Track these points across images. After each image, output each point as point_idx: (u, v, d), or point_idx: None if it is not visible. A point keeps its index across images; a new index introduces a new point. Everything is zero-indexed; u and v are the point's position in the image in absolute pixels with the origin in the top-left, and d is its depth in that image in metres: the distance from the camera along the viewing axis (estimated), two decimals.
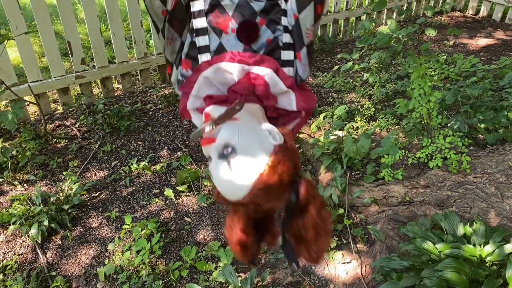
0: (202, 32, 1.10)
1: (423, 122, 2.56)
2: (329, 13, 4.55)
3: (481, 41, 4.48)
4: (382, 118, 3.10)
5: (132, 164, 2.79)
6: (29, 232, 2.27)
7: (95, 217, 2.44)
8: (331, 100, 3.52)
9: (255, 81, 1.07)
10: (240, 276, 2.06)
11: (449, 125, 2.71)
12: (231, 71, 1.06)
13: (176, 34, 1.12)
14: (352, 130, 2.97)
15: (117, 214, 2.45)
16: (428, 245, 1.79)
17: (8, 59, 2.96)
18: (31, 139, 2.94)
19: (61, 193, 2.45)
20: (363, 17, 4.70)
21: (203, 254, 2.20)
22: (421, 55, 3.09)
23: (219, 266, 2.12)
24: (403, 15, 4.76)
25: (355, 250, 2.18)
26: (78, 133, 3.10)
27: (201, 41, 1.10)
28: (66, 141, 3.03)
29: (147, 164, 2.78)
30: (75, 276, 2.13)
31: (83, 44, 3.69)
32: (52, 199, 2.41)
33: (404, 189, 2.33)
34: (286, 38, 1.12)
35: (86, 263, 2.19)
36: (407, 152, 2.47)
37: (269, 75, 1.07)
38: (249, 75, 1.07)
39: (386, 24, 4.78)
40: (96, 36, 3.24)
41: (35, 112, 3.32)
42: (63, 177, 2.69)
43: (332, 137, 2.76)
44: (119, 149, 2.96)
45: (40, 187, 2.58)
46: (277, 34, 1.12)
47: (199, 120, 1.17)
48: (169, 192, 2.54)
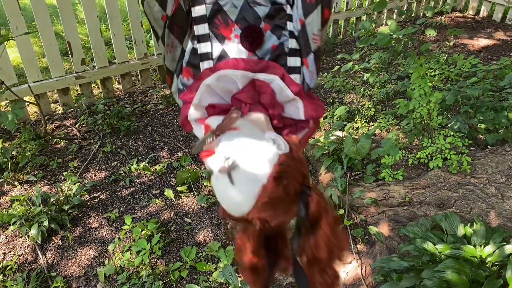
0: (204, 38, 1.06)
1: (423, 123, 2.56)
2: None
3: (481, 42, 4.48)
4: (382, 118, 3.10)
5: (132, 165, 2.79)
6: (29, 233, 2.27)
7: (95, 217, 2.44)
8: (331, 101, 3.52)
9: (260, 88, 1.03)
10: (240, 276, 2.06)
11: (449, 125, 2.71)
12: (235, 78, 1.01)
13: (177, 40, 1.07)
14: (352, 130, 2.97)
15: (117, 214, 2.45)
16: (429, 246, 1.78)
17: (8, 59, 2.96)
18: (31, 139, 2.94)
19: (61, 194, 2.44)
20: (363, 18, 4.70)
21: (203, 255, 2.20)
22: (421, 55, 3.09)
23: (219, 266, 2.12)
24: (403, 16, 4.76)
25: (355, 250, 2.18)
26: (78, 134, 3.09)
27: (203, 47, 1.06)
28: (66, 141, 3.03)
29: (147, 164, 2.78)
30: (75, 277, 2.13)
31: (83, 44, 3.69)
32: (52, 199, 2.40)
33: (405, 189, 2.33)
34: (292, 43, 1.07)
35: (86, 264, 2.19)
36: (407, 152, 2.47)
37: (275, 82, 1.02)
38: (253, 83, 1.03)
39: (386, 25, 4.78)
40: (96, 36, 3.24)
41: (35, 112, 3.32)
42: (63, 177, 2.69)
43: (332, 137, 2.75)
44: (119, 150, 2.96)
45: (40, 187, 2.58)
46: (283, 39, 1.07)
47: (201, 131, 1.11)
48: (169, 193, 2.54)
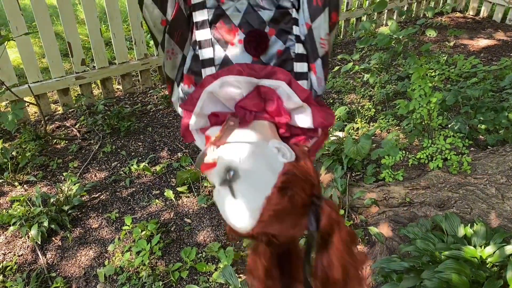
0: (206, 44, 1.01)
1: (423, 123, 2.56)
2: None
3: (482, 42, 4.48)
4: (382, 119, 3.10)
5: (132, 165, 2.79)
6: (29, 233, 2.27)
7: (95, 218, 2.44)
8: (331, 101, 3.52)
9: (266, 95, 0.97)
10: (240, 277, 2.05)
11: (449, 126, 2.71)
12: (239, 85, 0.96)
13: (177, 46, 1.03)
14: (352, 131, 2.97)
15: (117, 215, 2.45)
16: (429, 246, 1.78)
17: (8, 59, 2.96)
18: (31, 140, 2.94)
19: (61, 194, 2.44)
20: (364, 18, 4.70)
21: (203, 255, 2.20)
22: (421, 56, 3.09)
23: (219, 267, 2.12)
24: (404, 16, 4.75)
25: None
26: (78, 134, 3.09)
27: (205, 53, 1.01)
28: (66, 142, 3.03)
29: (147, 165, 2.78)
30: (75, 277, 2.13)
31: (83, 45, 3.69)
32: (52, 200, 2.40)
33: (405, 190, 2.33)
34: (298, 48, 1.02)
35: (86, 264, 2.19)
36: (407, 153, 2.47)
37: (281, 88, 0.96)
38: (258, 89, 0.97)
39: (386, 25, 4.78)
40: (96, 37, 3.24)
41: (35, 113, 3.32)
42: (63, 178, 2.68)
43: (332, 138, 2.75)
44: (119, 150, 2.96)
45: (40, 188, 2.57)
46: (289, 44, 1.02)
47: (203, 142, 1.05)
48: (169, 193, 2.54)
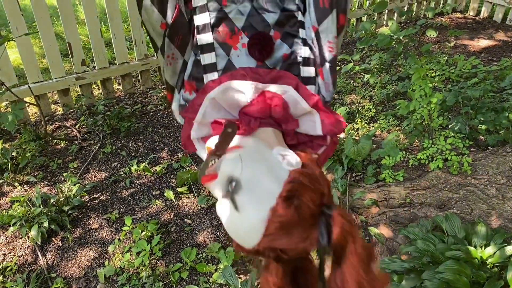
0: (208, 48, 0.97)
1: (424, 124, 2.56)
2: None
3: (482, 43, 4.47)
4: (383, 119, 3.09)
5: (132, 166, 2.78)
6: (29, 234, 2.27)
7: (95, 218, 2.44)
8: (332, 102, 3.52)
9: (272, 101, 0.91)
10: (240, 278, 2.05)
11: (450, 126, 2.71)
12: (243, 90, 0.91)
13: (178, 51, 0.98)
14: (352, 131, 2.97)
15: (117, 215, 2.45)
16: (429, 247, 1.78)
17: (8, 60, 2.96)
18: (31, 140, 2.94)
19: (61, 195, 2.44)
20: (364, 19, 4.69)
21: (203, 256, 2.20)
22: (422, 56, 3.09)
23: (220, 267, 2.12)
24: (404, 17, 4.76)
25: None
26: (78, 134, 3.09)
27: (207, 58, 0.97)
28: (66, 142, 3.03)
29: (147, 165, 2.78)
30: (75, 278, 2.13)
31: (84, 45, 3.69)
32: (52, 200, 2.40)
33: (405, 190, 2.33)
34: (305, 52, 0.98)
35: (86, 265, 2.18)
36: (408, 153, 2.47)
37: (288, 93, 0.91)
38: (264, 95, 0.92)
39: (387, 26, 4.78)
40: (97, 37, 3.24)
41: (35, 113, 3.32)
42: (63, 178, 2.68)
43: None
44: (119, 151, 2.96)
45: (40, 188, 2.57)
46: (295, 48, 0.98)
47: (205, 152, 0.98)
48: (169, 194, 2.54)
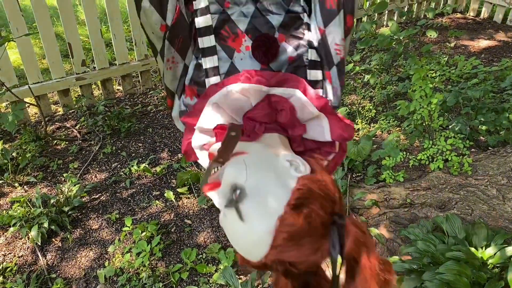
0: (209, 51, 0.92)
1: (424, 124, 2.56)
2: None
3: (482, 43, 4.47)
4: (383, 120, 3.09)
5: (132, 166, 2.78)
6: (29, 234, 2.26)
7: (95, 219, 2.43)
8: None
9: (278, 105, 0.87)
10: (240, 278, 2.05)
11: (450, 127, 2.70)
12: (247, 93, 0.86)
13: (178, 55, 0.94)
14: None
15: (117, 216, 2.44)
16: (429, 248, 1.78)
17: (8, 60, 2.96)
18: (32, 140, 2.94)
19: (61, 195, 2.44)
20: (364, 19, 4.69)
21: (203, 256, 2.20)
22: (422, 56, 3.09)
23: (220, 268, 2.11)
24: (404, 17, 4.76)
25: None
26: (78, 135, 3.09)
27: (209, 62, 0.93)
28: (67, 143, 3.03)
29: (147, 166, 2.78)
30: (75, 278, 2.13)
31: (84, 45, 3.69)
32: (52, 201, 2.40)
33: (405, 191, 2.32)
34: (311, 55, 0.93)
35: (86, 265, 2.18)
36: (408, 154, 2.46)
37: (295, 96, 0.86)
38: (269, 98, 0.87)
39: (387, 26, 4.78)
40: (97, 37, 3.24)
41: (36, 113, 3.32)
42: (63, 179, 2.68)
43: None
44: (119, 151, 2.95)
45: (40, 189, 2.57)
46: (301, 50, 0.93)
47: (208, 160, 0.94)
48: (169, 194, 2.54)
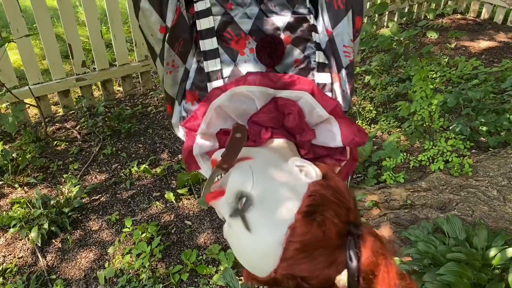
0: (212, 54, 0.88)
1: (424, 125, 2.56)
2: None
3: (483, 44, 4.47)
4: (383, 120, 3.09)
5: (132, 167, 2.78)
6: (29, 235, 2.26)
7: (95, 220, 2.43)
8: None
9: (285, 108, 0.81)
10: (241, 280, 2.04)
11: (450, 128, 2.70)
12: (252, 96, 0.81)
13: (178, 58, 0.90)
14: None
15: (117, 217, 2.44)
16: (430, 249, 1.77)
17: (9, 61, 2.96)
18: (32, 141, 2.94)
19: (61, 196, 2.44)
20: (365, 20, 4.69)
21: (203, 258, 2.19)
22: (422, 57, 3.09)
23: (220, 269, 2.11)
24: (405, 18, 4.75)
25: None
26: (78, 136, 3.09)
27: (211, 65, 0.89)
28: (67, 143, 3.03)
29: (147, 167, 2.78)
30: (75, 280, 2.12)
31: (84, 46, 3.69)
32: (52, 202, 2.40)
33: (406, 192, 2.32)
34: (319, 57, 0.89)
35: (86, 267, 2.18)
36: (408, 155, 2.46)
37: (303, 98, 0.80)
38: (276, 102, 0.82)
39: (387, 27, 4.78)
40: (97, 38, 3.24)
41: (36, 114, 3.32)
42: (63, 180, 2.68)
43: None
44: (119, 152, 2.95)
45: (40, 190, 2.57)
46: (308, 52, 0.89)
47: (210, 169, 0.89)
48: (169, 195, 2.53)
